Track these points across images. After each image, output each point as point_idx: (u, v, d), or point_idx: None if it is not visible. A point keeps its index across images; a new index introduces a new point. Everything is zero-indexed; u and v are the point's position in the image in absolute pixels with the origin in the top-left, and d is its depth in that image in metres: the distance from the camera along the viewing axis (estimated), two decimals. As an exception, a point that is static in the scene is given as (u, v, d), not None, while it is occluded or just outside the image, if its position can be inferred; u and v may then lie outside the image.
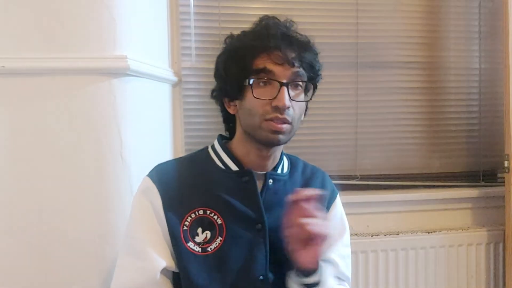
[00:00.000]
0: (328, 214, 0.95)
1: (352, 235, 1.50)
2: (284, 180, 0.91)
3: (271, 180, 0.89)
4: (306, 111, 0.92)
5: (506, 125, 1.49)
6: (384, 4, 1.61)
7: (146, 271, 0.81)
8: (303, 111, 0.87)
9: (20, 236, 0.98)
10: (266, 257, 0.85)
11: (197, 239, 0.83)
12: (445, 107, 1.68)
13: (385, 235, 1.53)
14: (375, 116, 1.63)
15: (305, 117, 0.92)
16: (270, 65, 0.80)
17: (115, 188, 1.03)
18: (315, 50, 0.87)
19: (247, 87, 0.82)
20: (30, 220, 0.98)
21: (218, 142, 0.92)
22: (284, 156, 0.95)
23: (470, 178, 1.70)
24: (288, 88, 0.81)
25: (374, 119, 1.63)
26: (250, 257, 0.84)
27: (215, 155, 0.90)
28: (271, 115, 0.80)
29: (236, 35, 0.88)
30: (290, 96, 0.81)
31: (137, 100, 1.11)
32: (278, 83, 0.80)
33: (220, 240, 0.83)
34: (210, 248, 0.83)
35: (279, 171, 0.91)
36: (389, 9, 1.61)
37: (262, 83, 0.81)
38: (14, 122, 0.97)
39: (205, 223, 0.84)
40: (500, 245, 1.58)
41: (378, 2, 1.60)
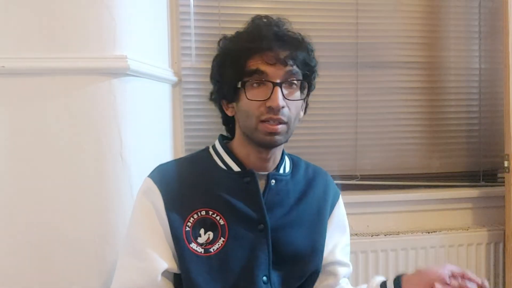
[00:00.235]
0: (331, 215, 0.96)
1: (352, 235, 1.50)
2: (286, 180, 0.91)
3: (273, 181, 0.89)
4: (307, 108, 0.92)
5: (506, 125, 1.49)
6: (384, 4, 1.61)
7: (147, 272, 0.80)
8: (299, 110, 0.87)
9: (20, 236, 0.98)
10: (269, 257, 0.85)
11: (199, 240, 0.83)
12: (445, 107, 1.68)
13: (385, 235, 1.53)
14: (375, 116, 1.63)
15: (305, 114, 0.92)
16: (263, 66, 0.80)
17: (115, 188, 1.03)
18: (309, 47, 0.86)
19: (241, 89, 0.82)
20: (30, 220, 0.98)
21: (219, 142, 0.92)
22: (285, 156, 0.94)
23: (470, 178, 1.70)
24: (282, 88, 0.80)
25: (374, 119, 1.63)
26: (253, 257, 0.84)
27: (217, 156, 0.90)
28: (265, 115, 0.80)
29: (229, 37, 0.88)
30: (284, 96, 0.80)
31: (137, 100, 1.11)
32: (271, 84, 0.80)
33: (223, 241, 0.83)
34: (213, 249, 0.83)
35: (281, 171, 0.91)
36: (389, 9, 1.61)
37: (256, 85, 0.81)
38: (14, 122, 0.97)
39: (207, 224, 0.83)
40: (500, 245, 1.58)
41: (378, 2, 1.60)
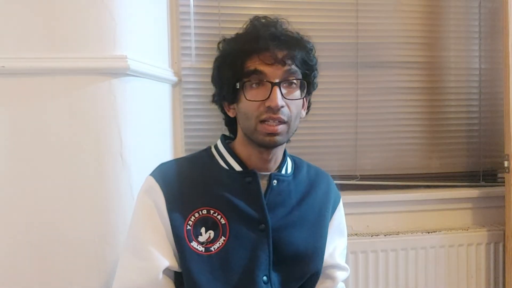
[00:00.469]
0: (333, 218, 0.96)
1: (352, 235, 1.51)
2: (288, 181, 0.92)
3: (275, 181, 0.89)
4: (309, 107, 0.92)
5: (506, 125, 1.49)
6: (384, 4, 1.61)
7: (148, 271, 0.80)
8: (300, 108, 0.87)
9: (20, 236, 0.98)
10: (269, 257, 0.85)
11: (200, 238, 0.83)
12: (445, 107, 1.68)
13: (385, 235, 1.53)
14: (375, 116, 1.63)
15: (308, 112, 0.92)
16: (261, 66, 0.80)
17: (115, 188, 1.03)
18: (308, 46, 0.87)
19: (240, 90, 0.82)
20: (30, 220, 0.98)
21: (221, 142, 0.92)
22: (288, 157, 0.95)
23: (470, 178, 1.69)
24: (281, 87, 0.81)
25: (374, 119, 1.63)
26: (253, 257, 0.84)
27: (219, 155, 0.90)
28: (265, 115, 0.80)
29: (228, 39, 0.88)
30: (283, 95, 0.81)
31: (137, 100, 1.11)
32: (269, 84, 0.80)
33: (224, 240, 0.83)
34: (213, 248, 0.83)
35: (283, 171, 0.92)
36: (389, 9, 1.61)
37: (255, 85, 0.82)
38: (14, 122, 0.97)
39: (208, 223, 0.83)
40: (500, 245, 1.58)
41: (378, 2, 1.60)
